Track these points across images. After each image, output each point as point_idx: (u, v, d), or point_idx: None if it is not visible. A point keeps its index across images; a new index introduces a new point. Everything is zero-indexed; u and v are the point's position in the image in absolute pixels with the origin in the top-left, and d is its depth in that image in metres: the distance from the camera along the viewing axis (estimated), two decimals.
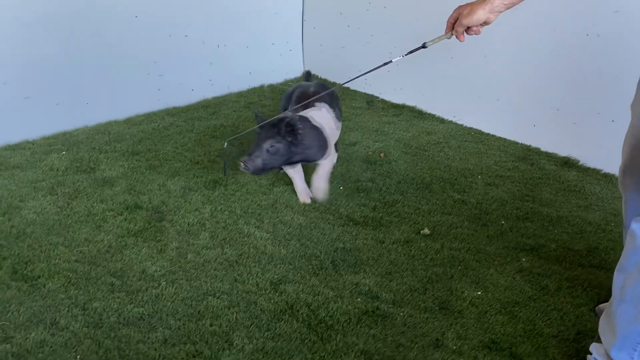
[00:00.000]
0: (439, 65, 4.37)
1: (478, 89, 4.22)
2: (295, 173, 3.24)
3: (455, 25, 2.10)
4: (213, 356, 2.12)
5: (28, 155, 3.57)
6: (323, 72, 5.25)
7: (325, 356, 2.14)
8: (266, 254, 2.75)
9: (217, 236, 2.86)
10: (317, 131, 3.04)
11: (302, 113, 3.07)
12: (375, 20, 4.74)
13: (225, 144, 3.23)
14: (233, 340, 2.20)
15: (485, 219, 3.09)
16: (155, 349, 2.15)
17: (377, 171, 3.59)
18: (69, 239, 2.78)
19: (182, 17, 4.45)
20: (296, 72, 5.36)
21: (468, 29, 2.10)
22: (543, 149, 3.95)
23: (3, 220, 2.88)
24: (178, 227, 2.92)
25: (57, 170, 3.41)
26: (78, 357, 2.10)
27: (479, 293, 2.52)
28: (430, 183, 3.45)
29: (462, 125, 4.37)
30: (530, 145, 4.02)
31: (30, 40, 3.71)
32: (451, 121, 4.44)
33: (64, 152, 3.62)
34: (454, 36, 2.18)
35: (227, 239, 2.85)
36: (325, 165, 3.17)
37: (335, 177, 3.48)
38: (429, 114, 4.57)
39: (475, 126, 4.30)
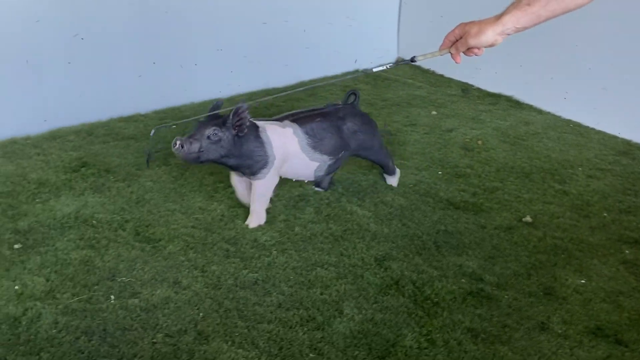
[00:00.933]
0: (536, 54, 4.34)
1: (579, 79, 4.17)
2: (239, 183, 2.95)
3: (458, 43, 1.86)
4: (325, 323, 2.24)
5: (141, 127, 3.79)
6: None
7: (433, 331, 2.23)
8: (369, 231, 2.84)
9: (322, 212, 2.98)
10: (258, 143, 2.72)
11: (259, 122, 2.80)
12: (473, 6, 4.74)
13: (152, 131, 2.88)
14: (343, 310, 2.31)
15: (587, 211, 3.09)
16: (271, 312, 2.29)
17: (475, 158, 3.63)
18: (185, 206, 2.96)
19: (280, 4, 4.59)
20: (391, 57, 5.42)
21: (468, 49, 1.86)
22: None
23: (124, 187, 3.09)
24: (284, 201, 3.06)
25: (169, 142, 3.59)
26: (200, 314, 2.26)
27: (583, 281, 2.54)
28: (530, 172, 3.46)
29: (560, 117, 4.34)
30: (631, 140, 3.95)
31: (144, 20, 3.92)
32: (549, 112, 4.41)
33: (174, 126, 3.82)
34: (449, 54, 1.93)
35: (332, 215, 2.96)
36: (258, 187, 2.82)
37: (433, 161, 3.54)
38: (526, 104, 4.55)
39: (574, 118, 4.26)
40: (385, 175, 3.27)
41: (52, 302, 2.25)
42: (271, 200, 2.94)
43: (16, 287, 2.31)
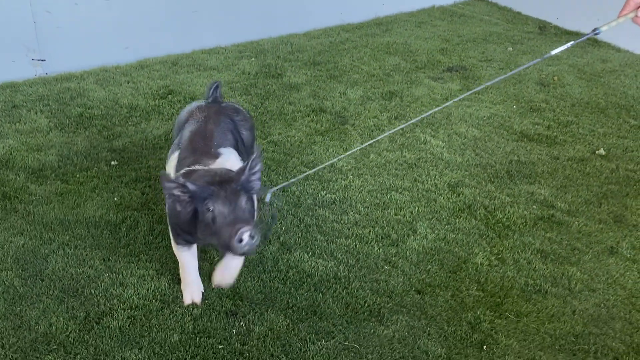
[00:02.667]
0: None
1: None
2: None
3: None
4: (399, 240, 2.37)
5: (222, 59, 3.94)
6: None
7: (503, 250, 2.33)
8: (442, 160, 2.93)
9: (396, 141, 3.08)
10: None
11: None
12: None
13: (268, 196, 2.12)
14: (417, 229, 2.43)
15: None
16: (348, 229, 2.43)
17: (551, 93, 3.63)
18: (265, 132, 3.11)
19: None
20: None
21: None
22: None
23: None
24: (359, 130, 3.17)
25: (249, 73, 3.74)
26: (283, 227, 2.43)
27: None
28: (606, 108, 3.45)
29: (638, 54, 4.25)
30: None
31: None
32: (627, 50, 4.32)
33: (253, 59, 3.96)
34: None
35: (405, 144, 3.06)
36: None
37: (507, 96, 3.57)
38: (604, 42, 4.47)
39: None
40: None
41: (147, 212, 2.45)
42: None
43: (115, 199, 2.53)
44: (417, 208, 2.57)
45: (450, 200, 2.64)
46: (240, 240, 1.65)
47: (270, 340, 1.91)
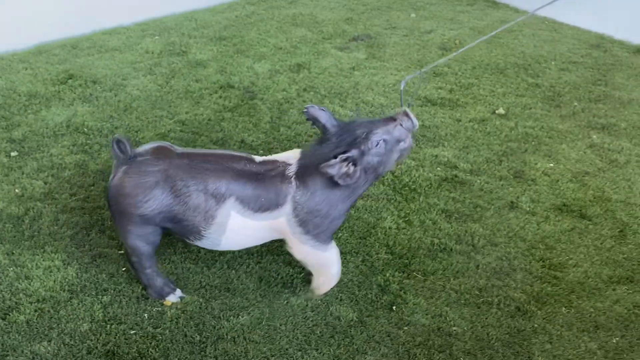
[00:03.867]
0: None
1: None
2: None
3: None
4: None
5: (124, 39, 3.84)
6: None
7: (410, 213, 2.40)
8: None
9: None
10: None
11: None
12: None
13: (402, 83, 1.95)
14: None
15: (559, 101, 3.23)
16: None
17: (453, 57, 3.72)
18: (172, 112, 3.06)
19: None
20: None
21: None
22: (616, 37, 3.98)
23: (110, 96, 3.18)
24: (269, 104, 3.17)
25: (153, 52, 3.66)
26: None
27: (551, 165, 2.71)
28: (505, 68, 3.57)
29: (536, 14, 4.40)
30: (604, 34, 4.05)
31: None
32: (526, 10, 4.47)
33: (156, 37, 3.87)
34: None
35: None
36: None
37: (412, 62, 3.64)
38: (503, 4, 4.61)
39: (549, 15, 4.33)
40: None
41: (51, 202, 2.39)
42: None
43: (16, 190, 2.45)
44: None
45: None
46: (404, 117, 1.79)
47: (183, 320, 1.92)
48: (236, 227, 1.84)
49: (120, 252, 2.17)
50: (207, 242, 1.89)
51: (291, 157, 1.92)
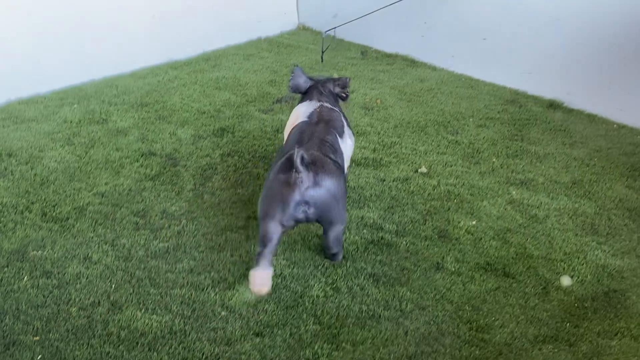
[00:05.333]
0: (428, 15, 4.53)
1: (466, 34, 4.39)
2: None
3: None
4: (236, 282, 2.35)
5: (42, 109, 3.73)
6: (317, 24, 5.40)
7: (337, 279, 2.38)
8: None
9: (229, 178, 3.06)
10: None
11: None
12: None
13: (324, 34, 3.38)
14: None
15: (478, 157, 3.31)
16: (183, 277, 2.37)
17: (375, 116, 3.78)
18: (91, 184, 2.97)
19: None
20: (292, 25, 5.51)
21: None
22: (530, 92, 4.14)
23: (26, 169, 3.06)
24: (192, 171, 3.12)
25: (71, 122, 3.57)
26: (113, 286, 2.32)
27: (474, 222, 2.75)
28: (425, 126, 3.65)
29: (453, 72, 4.55)
30: (518, 89, 4.21)
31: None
32: (443, 68, 4.61)
33: (75, 105, 3.78)
34: None
35: (239, 181, 3.05)
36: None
37: None
38: (421, 62, 4.74)
39: (466, 72, 4.48)
40: None
41: None
42: None
43: None
44: (252, 246, 2.56)
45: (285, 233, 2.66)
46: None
47: None
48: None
49: (35, 338, 2.05)
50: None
51: (314, 103, 2.65)
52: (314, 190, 2.17)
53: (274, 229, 2.18)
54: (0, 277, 2.33)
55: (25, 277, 2.35)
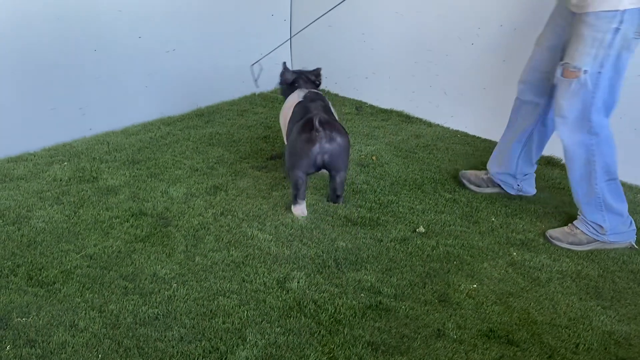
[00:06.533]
0: (422, 71, 4.54)
1: (461, 91, 4.39)
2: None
3: None
4: (228, 351, 2.25)
5: (31, 167, 3.66)
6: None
7: (335, 348, 2.28)
8: (271, 254, 2.87)
9: (222, 239, 2.98)
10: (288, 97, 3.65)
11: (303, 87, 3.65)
12: (361, 23, 4.90)
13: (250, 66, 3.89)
14: (246, 336, 2.32)
15: (477, 217, 3.25)
16: (173, 347, 2.27)
17: (371, 174, 3.73)
18: (79, 245, 2.88)
19: (174, 34, 4.55)
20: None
21: None
22: None
23: (13, 230, 2.98)
24: (184, 231, 3.04)
25: (61, 180, 3.50)
26: (99, 356, 2.21)
27: (475, 286, 2.67)
28: (422, 184, 3.60)
29: (449, 128, 4.53)
30: None
31: (24, 50, 3.79)
32: (438, 124, 4.60)
33: (65, 163, 3.72)
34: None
35: (232, 241, 2.97)
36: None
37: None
38: (416, 118, 4.73)
39: (461, 129, 4.46)
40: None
41: None
42: None
43: None
44: (245, 312, 2.46)
45: (280, 298, 2.56)
46: None
47: None
48: None
49: None
50: None
51: (303, 90, 3.53)
52: (328, 144, 3.04)
53: (302, 176, 3.13)
54: None
55: (8, 347, 2.24)
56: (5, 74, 3.73)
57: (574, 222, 3.06)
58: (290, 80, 3.69)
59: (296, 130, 3.12)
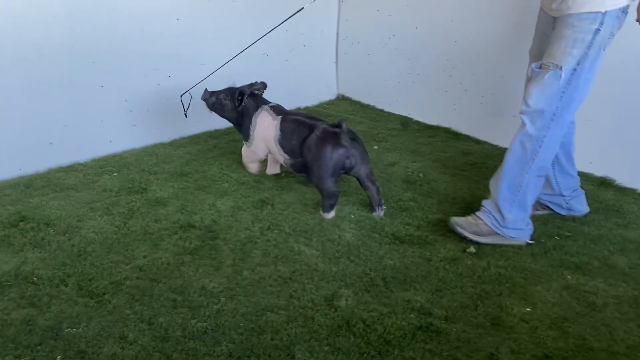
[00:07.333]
0: (468, 86, 4.49)
1: (512, 109, 4.31)
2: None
3: None
4: None
5: (81, 177, 3.72)
6: (357, 94, 5.41)
7: None
8: (318, 271, 2.85)
9: (270, 253, 2.97)
10: (249, 122, 3.67)
11: (265, 106, 3.68)
12: (407, 40, 4.87)
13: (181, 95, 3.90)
14: (295, 354, 2.30)
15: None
16: None
17: (418, 191, 3.69)
18: (129, 256, 2.90)
19: (212, 48, 4.59)
20: (331, 95, 5.51)
21: None
22: (580, 169, 4.01)
23: (64, 240, 3.01)
24: (231, 245, 3.04)
25: (111, 191, 3.54)
26: None
27: (528, 309, 2.60)
28: (472, 202, 3.53)
29: (497, 145, 4.46)
30: None
31: (77, 62, 3.86)
32: (487, 142, 4.53)
33: (115, 174, 3.77)
34: None
35: (279, 256, 2.95)
36: (243, 150, 3.85)
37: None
38: (464, 135, 4.67)
39: None
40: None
41: None
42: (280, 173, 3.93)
43: None
44: (294, 329, 2.44)
45: (328, 316, 2.53)
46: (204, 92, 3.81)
47: None
48: None
49: None
50: None
51: (266, 107, 3.68)
52: (352, 146, 3.25)
53: (335, 184, 3.32)
54: (33, 356, 2.23)
55: (59, 357, 2.25)
56: (55, 85, 3.80)
57: (477, 213, 3.16)
58: (253, 101, 3.72)
59: (317, 142, 3.27)
